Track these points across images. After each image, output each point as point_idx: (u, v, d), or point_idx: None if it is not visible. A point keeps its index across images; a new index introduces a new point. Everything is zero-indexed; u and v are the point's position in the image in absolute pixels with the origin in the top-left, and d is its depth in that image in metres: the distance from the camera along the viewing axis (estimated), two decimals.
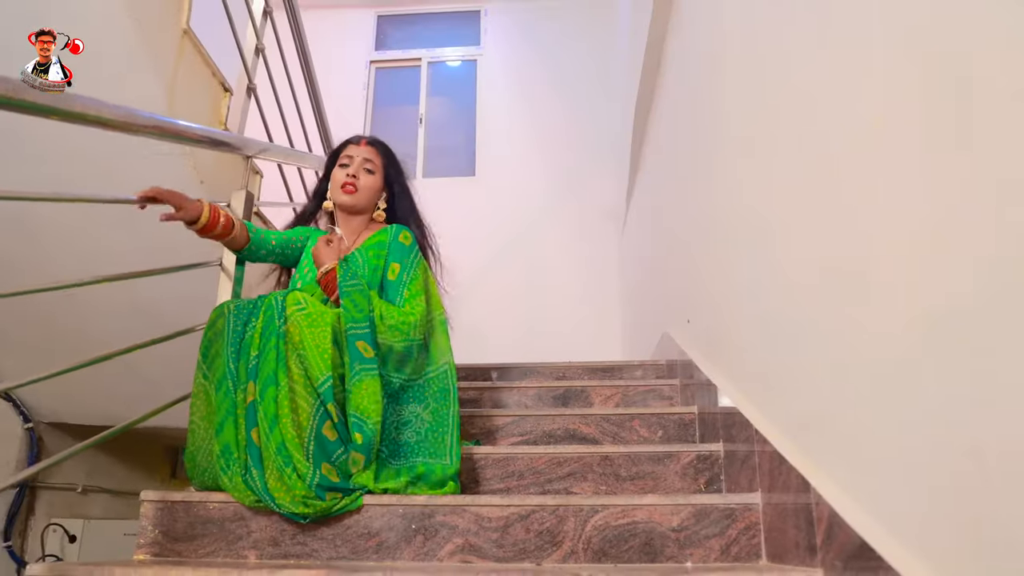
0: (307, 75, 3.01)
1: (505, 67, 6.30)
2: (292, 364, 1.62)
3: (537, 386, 2.59)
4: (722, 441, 1.89)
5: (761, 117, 1.60)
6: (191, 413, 1.71)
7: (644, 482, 1.88)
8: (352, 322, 1.72)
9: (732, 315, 1.86)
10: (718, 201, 2.02)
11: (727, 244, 1.92)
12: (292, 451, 1.54)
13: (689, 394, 2.43)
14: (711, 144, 2.13)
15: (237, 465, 1.58)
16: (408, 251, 2.01)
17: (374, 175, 2.10)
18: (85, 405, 3.38)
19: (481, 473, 1.90)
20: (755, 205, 1.64)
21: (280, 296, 1.70)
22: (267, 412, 1.58)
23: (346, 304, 1.76)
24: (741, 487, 1.68)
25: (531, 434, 2.23)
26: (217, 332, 1.73)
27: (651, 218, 3.64)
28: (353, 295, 1.79)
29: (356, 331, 1.72)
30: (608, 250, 5.53)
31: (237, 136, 2.12)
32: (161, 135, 1.64)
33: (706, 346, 2.22)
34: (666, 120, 3.10)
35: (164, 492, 1.66)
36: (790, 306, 1.39)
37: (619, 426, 2.22)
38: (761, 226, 1.58)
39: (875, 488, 1.01)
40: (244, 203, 2.09)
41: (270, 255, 2.07)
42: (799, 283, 1.33)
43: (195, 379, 1.72)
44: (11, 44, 1.49)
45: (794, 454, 1.34)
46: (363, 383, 1.67)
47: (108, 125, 1.41)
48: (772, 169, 1.50)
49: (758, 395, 1.62)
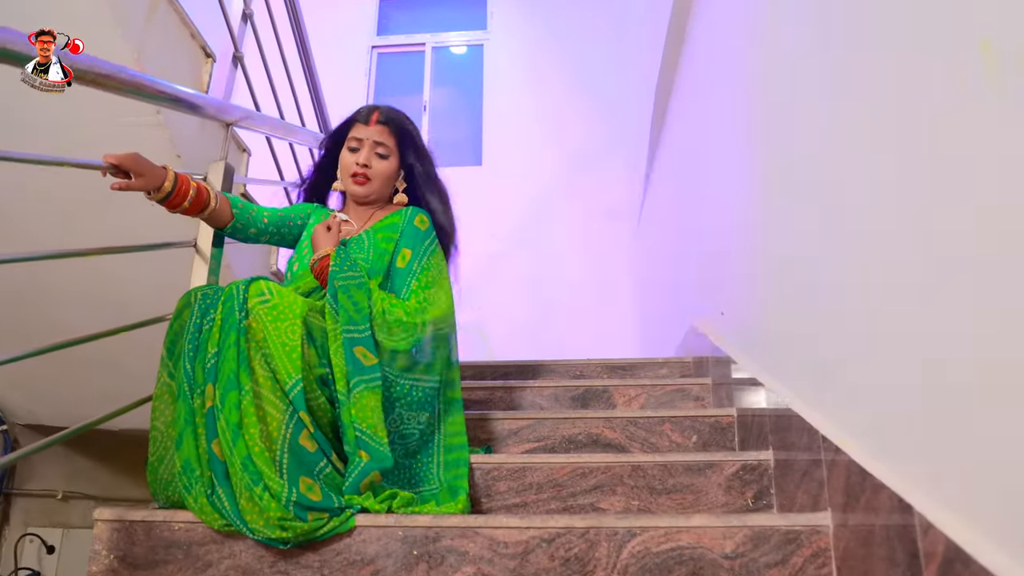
0: (301, 46, 2.76)
1: (513, 51, 6.06)
2: (256, 365, 1.38)
3: (553, 386, 2.33)
4: (772, 448, 1.63)
5: (830, 74, 1.34)
6: (152, 417, 1.46)
7: (682, 496, 1.63)
8: (349, 324, 1.50)
9: (786, 304, 1.61)
10: (768, 180, 1.77)
11: (778, 224, 1.66)
12: (261, 466, 1.29)
13: (723, 394, 2.18)
14: (757, 117, 1.88)
15: (200, 484, 1.34)
16: (423, 237, 1.77)
17: (388, 160, 1.84)
18: (63, 406, 3.14)
19: (493, 486, 1.65)
20: (819, 178, 1.39)
21: (243, 284, 1.46)
22: (229, 421, 1.33)
23: (342, 301, 1.52)
24: (800, 504, 1.42)
25: (549, 440, 1.97)
26: (183, 324, 1.48)
27: (674, 206, 3.38)
28: (351, 290, 1.55)
29: (354, 334, 1.49)
30: (621, 242, 5.30)
31: (212, 98, 1.87)
32: (110, 86, 1.38)
33: (747, 340, 1.96)
34: (693, 99, 2.85)
35: (121, 510, 1.41)
36: (872, 292, 1.13)
37: (648, 431, 1.97)
38: (830, 199, 1.33)
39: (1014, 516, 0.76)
40: (223, 176, 1.83)
41: (262, 234, 1.82)
42: (883, 264, 1.08)
43: (158, 377, 1.48)
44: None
45: (883, 467, 1.09)
46: (364, 396, 1.44)
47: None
48: (849, 130, 1.25)
49: (824, 395, 1.37)
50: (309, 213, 1.90)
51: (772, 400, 1.64)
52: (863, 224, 1.17)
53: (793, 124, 1.56)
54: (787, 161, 1.59)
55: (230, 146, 1.94)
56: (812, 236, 1.43)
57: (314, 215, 1.90)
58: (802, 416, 1.43)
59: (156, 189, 1.54)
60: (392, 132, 1.84)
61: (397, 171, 1.86)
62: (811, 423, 1.38)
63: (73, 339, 1.60)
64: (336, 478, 1.39)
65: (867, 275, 1.15)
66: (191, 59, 2.10)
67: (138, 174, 1.49)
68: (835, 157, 1.30)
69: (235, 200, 1.76)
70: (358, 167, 1.80)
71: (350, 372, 1.46)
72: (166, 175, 1.56)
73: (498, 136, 5.85)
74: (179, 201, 1.59)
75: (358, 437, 1.42)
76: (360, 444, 1.42)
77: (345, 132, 1.86)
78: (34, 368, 3.00)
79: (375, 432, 1.43)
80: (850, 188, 1.23)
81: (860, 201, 1.19)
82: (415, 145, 1.86)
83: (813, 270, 1.40)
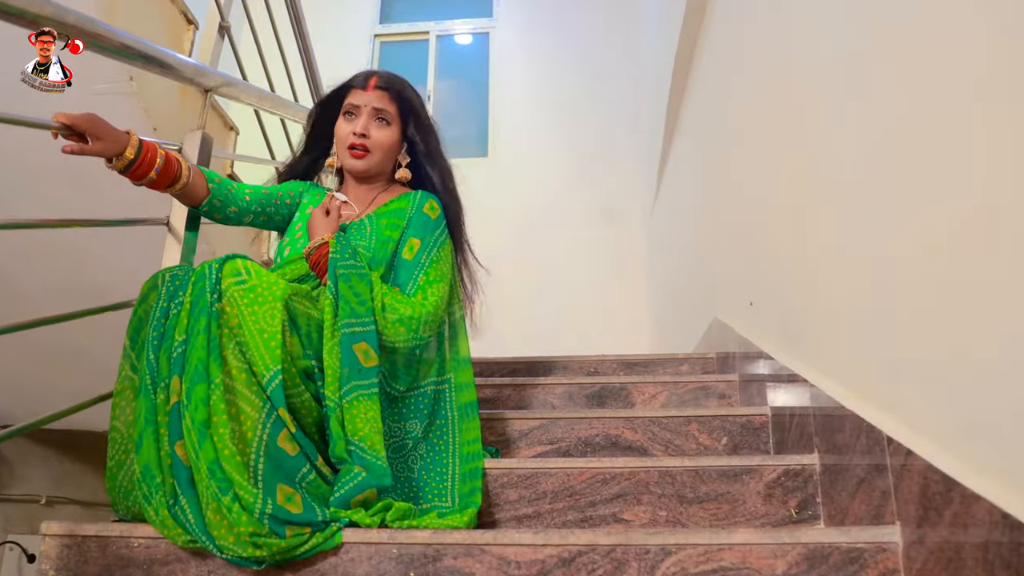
0: (294, 18, 2.56)
1: (520, 39, 5.86)
2: (229, 355, 1.19)
3: (567, 383, 2.14)
4: (818, 451, 1.44)
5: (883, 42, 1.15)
6: (112, 416, 1.28)
7: (717, 506, 1.44)
8: (350, 317, 1.31)
9: (831, 289, 1.42)
10: (815, 156, 1.58)
11: (820, 204, 1.47)
12: (231, 472, 1.10)
13: (753, 391, 1.99)
14: (795, 92, 1.68)
15: (162, 493, 1.15)
16: (434, 226, 1.59)
17: (390, 127, 1.64)
18: (41, 405, 2.94)
19: (502, 494, 1.45)
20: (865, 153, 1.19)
21: (216, 263, 1.27)
22: (195, 419, 1.14)
23: (343, 292, 1.34)
24: (855, 515, 1.24)
25: (563, 442, 1.78)
26: (149, 309, 1.29)
27: (694, 194, 3.20)
28: (352, 279, 1.37)
29: (355, 329, 1.31)
30: (633, 234, 5.11)
31: (187, 59, 1.67)
32: (66, 31, 1.20)
33: (785, 331, 1.77)
34: (716, 82, 2.66)
35: (72, 524, 1.22)
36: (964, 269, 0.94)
37: (673, 432, 1.78)
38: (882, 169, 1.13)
39: None
40: (199, 148, 1.64)
41: (244, 214, 1.63)
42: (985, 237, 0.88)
43: (120, 370, 1.30)
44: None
45: (977, 475, 0.90)
46: (359, 404, 1.26)
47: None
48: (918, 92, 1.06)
49: (892, 391, 1.17)
50: (301, 192, 1.71)
51: (817, 397, 1.45)
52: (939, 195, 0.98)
53: (843, 91, 1.37)
54: (835, 135, 1.40)
55: (209, 117, 1.75)
56: (857, 227, 1.24)
57: (307, 195, 1.71)
58: (859, 415, 1.24)
59: (118, 156, 1.36)
60: (393, 98, 1.64)
61: (399, 142, 1.67)
62: (871, 422, 1.19)
63: (33, 320, 1.42)
64: (321, 486, 1.20)
65: (961, 250, 0.96)
66: (170, 24, 1.92)
67: (95, 137, 1.31)
68: (902, 122, 1.11)
69: (211, 175, 1.57)
70: (355, 137, 1.61)
71: (344, 376, 1.28)
72: (128, 140, 1.37)
73: (505, 126, 5.66)
74: (144, 171, 1.40)
75: (352, 451, 1.24)
76: (355, 459, 1.23)
77: (339, 100, 1.67)
78: (10, 367, 2.85)
79: (372, 446, 1.25)
80: (917, 157, 1.04)
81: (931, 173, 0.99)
82: (417, 115, 1.67)
83: (875, 248, 1.21)
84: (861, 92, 1.28)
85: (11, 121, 1.26)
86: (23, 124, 1.26)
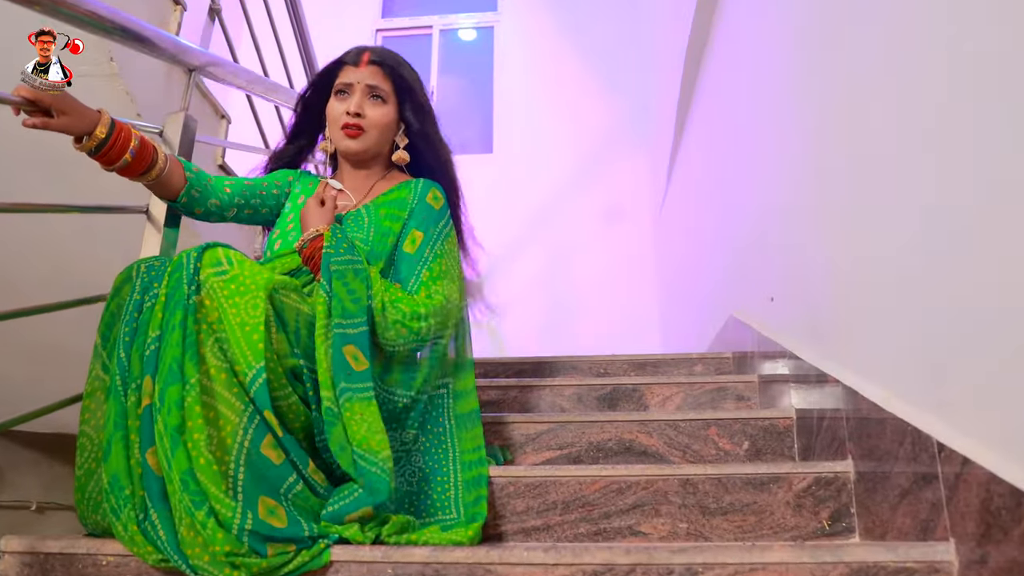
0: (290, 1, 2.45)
1: (524, 33, 5.77)
2: (208, 352, 1.07)
3: (576, 384, 2.03)
4: (852, 458, 1.33)
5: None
6: (81, 420, 1.17)
7: (742, 518, 1.32)
8: (342, 316, 1.20)
9: (867, 284, 1.30)
10: (843, 142, 1.46)
11: (855, 193, 1.36)
12: (206, 483, 0.98)
13: (775, 392, 1.87)
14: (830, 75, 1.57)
15: (130, 506, 1.03)
16: (437, 217, 1.48)
17: (385, 104, 1.53)
18: (26, 405, 2.85)
19: (508, 505, 1.34)
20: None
21: (195, 252, 1.15)
22: (168, 423, 1.02)
23: (337, 289, 1.23)
24: (898, 529, 1.12)
25: (573, 447, 1.67)
26: (121, 304, 1.18)
27: (706, 188, 3.08)
28: (347, 276, 1.25)
29: (346, 330, 1.20)
30: (641, 230, 5.02)
31: (169, 35, 1.56)
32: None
33: (811, 328, 1.65)
34: (731, 67, 2.55)
35: (34, 539, 1.11)
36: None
37: (691, 436, 1.67)
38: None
39: None
40: (181, 131, 1.52)
41: (226, 208, 1.51)
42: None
43: (90, 370, 1.19)
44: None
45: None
46: (355, 405, 1.15)
47: None
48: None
49: (943, 392, 1.05)
50: (291, 181, 1.60)
51: (851, 398, 1.33)
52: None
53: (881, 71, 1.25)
54: (874, 117, 1.28)
55: (198, 103, 1.64)
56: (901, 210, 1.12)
57: (299, 183, 1.59)
58: (902, 418, 1.12)
59: (88, 136, 1.24)
60: (387, 74, 1.53)
61: (396, 121, 1.56)
62: (918, 426, 1.07)
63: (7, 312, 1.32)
64: (310, 499, 1.08)
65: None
66: (154, 2, 1.80)
67: (61, 112, 1.20)
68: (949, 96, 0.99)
69: (188, 164, 1.45)
70: (349, 116, 1.49)
71: (338, 377, 1.17)
72: (99, 119, 1.26)
73: (509, 122, 5.56)
74: (117, 155, 1.28)
75: (356, 461, 1.12)
76: (359, 470, 1.12)
77: (330, 80, 1.55)
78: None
79: (371, 448, 1.13)
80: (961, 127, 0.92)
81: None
82: (413, 92, 1.56)
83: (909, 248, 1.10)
84: (900, 75, 1.16)
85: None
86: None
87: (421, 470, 1.28)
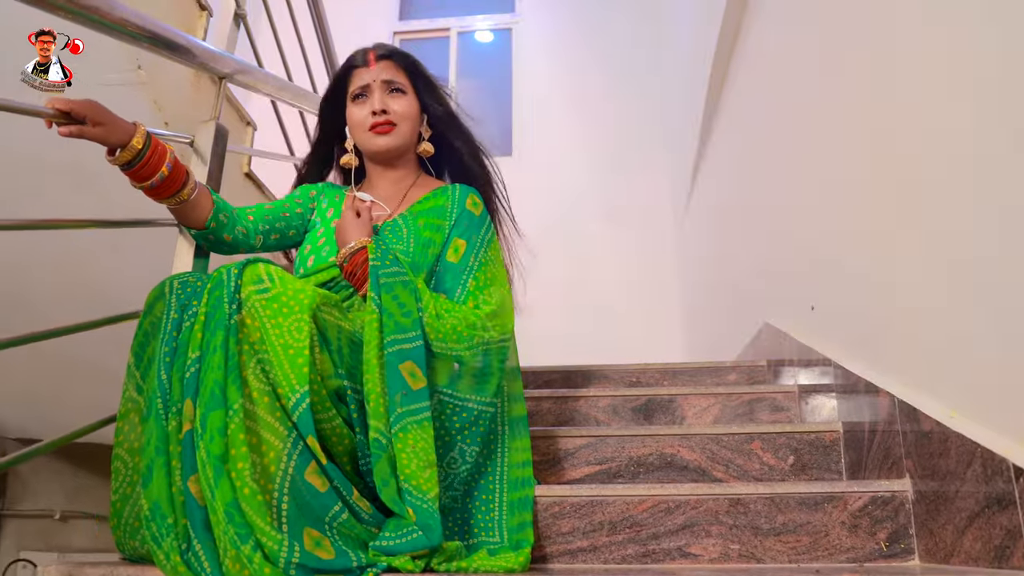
0: (313, 5, 2.42)
1: (543, 35, 5.72)
2: (250, 375, 1.03)
3: (611, 395, 1.98)
4: (911, 476, 1.28)
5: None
6: (115, 443, 1.13)
7: (796, 538, 1.27)
8: (397, 331, 1.15)
9: (926, 294, 1.25)
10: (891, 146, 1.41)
11: (906, 199, 1.31)
12: (251, 515, 0.94)
13: (816, 403, 1.82)
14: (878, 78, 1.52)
15: (172, 535, 0.99)
16: (479, 224, 1.44)
17: (406, 95, 1.49)
18: (56, 418, 2.84)
19: (553, 525, 1.29)
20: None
21: (236, 268, 1.11)
22: (210, 451, 0.98)
23: (387, 303, 1.17)
24: (966, 552, 1.08)
25: (613, 462, 1.63)
26: (156, 322, 1.14)
27: (735, 193, 3.02)
28: (396, 289, 1.20)
29: (402, 345, 1.15)
30: (664, 234, 4.96)
31: (200, 43, 1.52)
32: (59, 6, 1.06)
33: (858, 338, 1.60)
34: (764, 72, 2.49)
35: (73, 566, 1.07)
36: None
37: (734, 450, 1.62)
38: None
39: None
40: (213, 140, 1.48)
41: (253, 235, 1.44)
42: None
43: (123, 391, 1.15)
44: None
45: None
46: (409, 434, 1.09)
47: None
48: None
49: (1013, 411, 1.00)
50: (315, 196, 1.55)
51: (908, 413, 1.28)
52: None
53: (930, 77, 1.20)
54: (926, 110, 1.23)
55: (224, 110, 1.60)
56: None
57: (325, 197, 1.54)
58: (969, 437, 1.08)
59: (122, 147, 1.21)
60: (400, 65, 1.50)
61: (419, 111, 1.52)
62: (989, 447, 1.02)
63: (39, 332, 1.29)
64: (356, 527, 1.04)
65: None
66: (181, 10, 1.77)
67: (96, 123, 1.16)
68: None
69: (214, 193, 1.41)
70: (375, 116, 1.45)
71: (393, 402, 1.11)
72: (135, 130, 1.22)
73: (529, 125, 5.51)
74: (151, 171, 1.24)
75: (404, 494, 1.08)
76: (407, 504, 1.07)
77: (343, 88, 1.52)
78: (22, 380, 2.73)
79: (419, 486, 1.08)
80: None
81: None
82: (427, 78, 1.53)
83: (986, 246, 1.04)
84: (949, 78, 1.11)
85: (4, 108, 1.11)
86: (16, 111, 1.11)
87: (467, 483, 1.23)
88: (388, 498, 1.06)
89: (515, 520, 1.22)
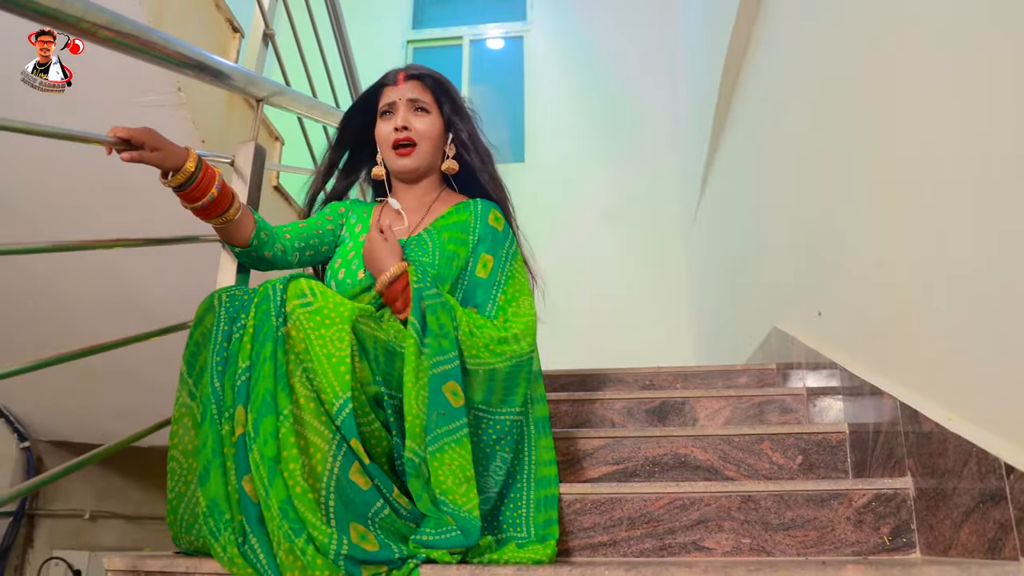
0: (336, 24, 2.51)
1: (554, 42, 5.79)
2: (297, 383, 1.12)
3: (626, 397, 2.06)
4: (912, 475, 1.35)
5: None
6: (171, 445, 1.22)
7: (804, 533, 1.35)
8: (438, 354, 1.22)
9: (927, 299, 1.33)
10: (899, 155, 1.49)
11: (907, 208, 1.38)
12: (303, 511, 1.04)
13: (824, 405, 1.90)
14: (883, 83, 1.59)
15: (230, 530, 1.08)
16: (503, 239, 1.51)
17: (429, 114, 1.57)
18: (87, 421, 2.94)
19: (576, 520, 1.38)
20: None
21: (280, 283, 1.19)
22: (264, 454, 1.07)
23: (431, 325, 1.25)
24: (962, 545, 1.15)
25: (629, 462, 1.71)
26: (206, 332, 1.23)
27: (745, 198, 3.09)
28: (438, 311, 1.27)
29: (444, 366, 1.22)
30: (674, 239, 5.03)
31: (240, 68, 1.62)
32: (126, 45, 1.15)
33: (863, 342, 1.68)
34: (774, 78, 2.56)
35: (134, 559, 1.17)
36: None
37: (745, 450, 1.70)
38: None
39: None
40: (253, 160, 1.57)
41: (290, 252, 1.53)
42: None
43: (177, 397, 1.23)
44: None
45: None
46: (446, 454, 1.17)
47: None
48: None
49: (1007, 413, 1.08)
50: (343, 213, 1.62)
51: (910, 415, 1.36)
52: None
53: (944, 79, 1.27)
54: (940, 118, 1.31)
55: (261, 130, 1.68)
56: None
57: (354, 213, 1.62)
58: (965, 437, 1.15)
59: (175, 171, 1.30)
60: (426, 85, 1.58)
61: (443, 131, 1.59)
62: (983, 447, 1.10)
63: (88, 348, 1.38)
64: (396, 522, 1.13)
65: None
66: (216, 32, 1.87)
67: (153, 148, 1.25)
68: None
69: (255, 212, 1.50)
70: (397, 132, 1.53)
71: (431, 422, 1.18)
72: (188, 154, 1.31)
73: (541, 131, 5.59)
74: (201, 193, 1.33)
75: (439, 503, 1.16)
76: (443, 510, 1.15)
77: (373, 104, 1.61)
78: (54, 382, 2.82)
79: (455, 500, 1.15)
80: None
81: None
82: (452, 98, 1.60)
83: (984, 255, 1.12)
84: (963, 80, 1.19)
85: (68, 137, 1.21)
86: (78, 140, 1.21)
87: (501, 486, 1.31)
88: (424, 508, 1.15)
89: (542, 517, 1.29)
